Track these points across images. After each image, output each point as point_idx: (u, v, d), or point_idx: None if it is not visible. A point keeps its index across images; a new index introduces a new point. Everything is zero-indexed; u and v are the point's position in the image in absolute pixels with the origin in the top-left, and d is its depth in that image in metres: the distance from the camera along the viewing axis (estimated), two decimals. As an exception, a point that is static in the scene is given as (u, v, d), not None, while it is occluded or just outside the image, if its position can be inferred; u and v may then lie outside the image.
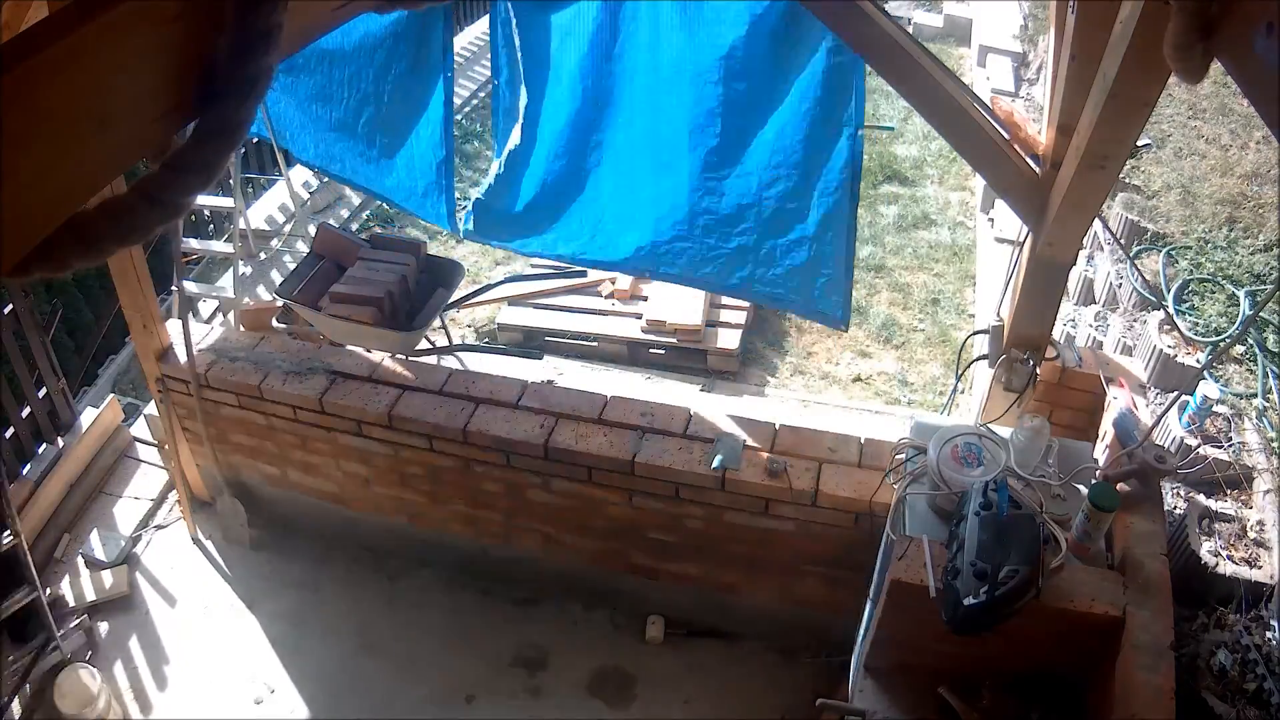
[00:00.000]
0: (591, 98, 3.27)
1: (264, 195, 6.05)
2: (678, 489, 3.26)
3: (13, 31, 2.05)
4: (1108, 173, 2.38)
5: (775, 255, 3.21)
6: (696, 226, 3.26)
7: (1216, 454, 2.97)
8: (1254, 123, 4.58)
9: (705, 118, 3.09)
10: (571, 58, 3.24)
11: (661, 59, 3.10)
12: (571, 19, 3.18)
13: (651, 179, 3.30)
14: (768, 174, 3.10)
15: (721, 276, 3.32)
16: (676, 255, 3.33)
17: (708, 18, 2.92)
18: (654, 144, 3.25)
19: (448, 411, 3.42)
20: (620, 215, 3.42)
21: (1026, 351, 2.93)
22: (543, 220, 3.56)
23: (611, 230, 3.44)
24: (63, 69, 0.79)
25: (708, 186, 3.18)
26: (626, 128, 3.30)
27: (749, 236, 3.21)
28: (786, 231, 3.16)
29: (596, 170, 3.41)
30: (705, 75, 3.02)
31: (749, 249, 3.23)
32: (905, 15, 8.37)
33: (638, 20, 3.08)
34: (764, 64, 2.95)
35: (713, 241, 3.26)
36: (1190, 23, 1.16)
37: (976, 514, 2.19)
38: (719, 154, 3.13)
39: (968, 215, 6.15)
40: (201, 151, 0.94)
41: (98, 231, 0.91)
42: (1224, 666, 2.49)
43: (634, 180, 3.36)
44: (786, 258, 3.20)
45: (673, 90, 3.12)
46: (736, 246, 3.24)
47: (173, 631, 3.72)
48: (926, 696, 2.53)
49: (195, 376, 3.59)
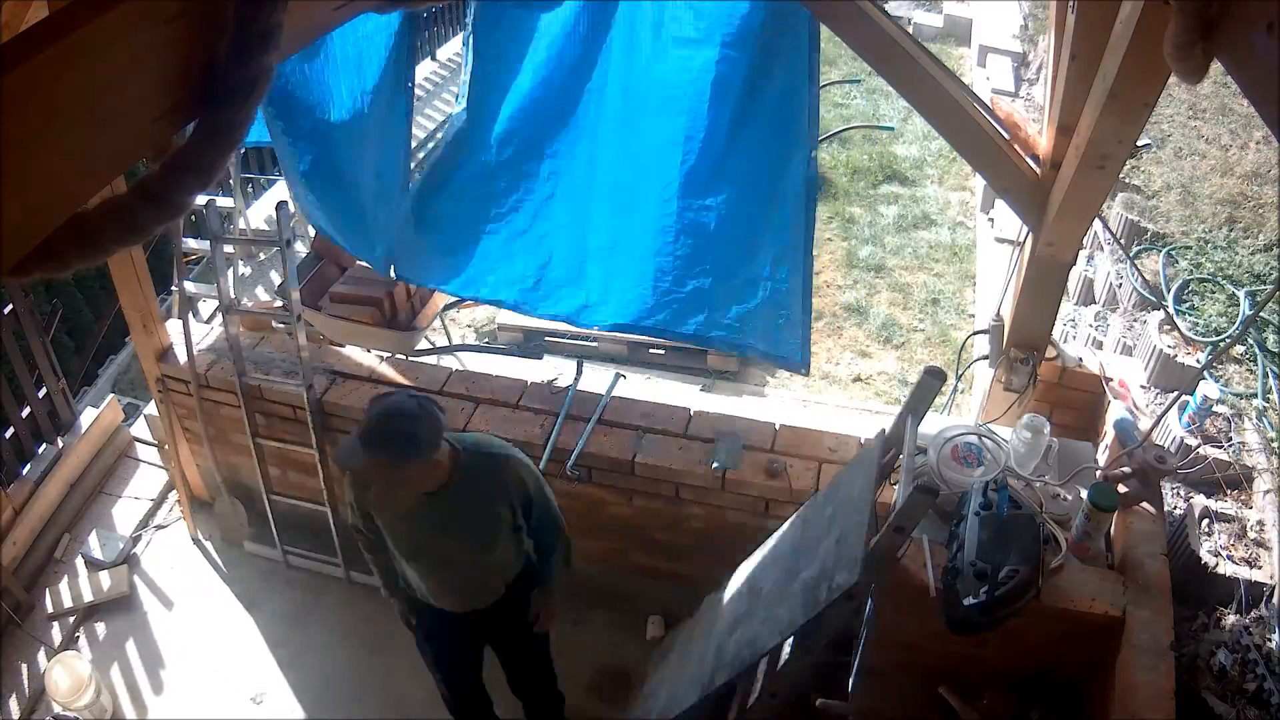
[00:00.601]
0: (545, 116, 3.04)
1: (263, 195, 6.05)
2: (678, 489, 3.26)
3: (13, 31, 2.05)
4: (1108, 173, 2.38)
5: (732, 299, 3.00)
6: (649, 271, 3.00)
7: (1216, 454, 2.97)
8: (1254, 123, 4.59)
9: (669, 149, 2.87)
10: (529, 72, 3.02)
11: (633, 88, 2.90)
12: (545, 26, 2.96)
13: (604, 222, 3.06)
14: (726, 210, 2.88)
15: (676, 323, 3.05)
16: (627, 304, 3.06)
17: (683, 44, 2.75)
18: (610, 182, 3.03)
19: (448, 412, 3.41)
20: (567, 260, 3.15)
21: (1026, 351, 2.93)
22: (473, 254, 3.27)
23: (556, 278, 3.18)
24: (63, 69, 0.79)
25: (665, 224, 2.94)
26: (580, 157, 3.07)
27: (705, 279, 2.97)
28: (741, 272, 2.97)
29: (548, 202, 3.14)
30: (674, 104, 2.82)
31: (705, 292, 2.98)
32: (905, 15, 8.37)
33: (615, 43, 2.89)
34: (734, 92, 2.77)
35: (667, 285, 2.99)
36: (1190, 23, 1.16)
37: (976, 514, 2.19)
38: (680, 189, 2.89)
39: (968, 215, 6.15)
40: (201, 151, 0.94)
41: (98, 231, 0.91)
42: (1224, 666, 2.49)
43: (586, 219, 3.11)
44: (743, 300, 3.00)
45: (638, 119, 2.91)
46: (693, 290, 2.98)
47: (172, 632, 3.72)
48: (926, 696, 2.54)
49: (195, 376, 3.59)
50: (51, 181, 0.84)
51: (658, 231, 2.95)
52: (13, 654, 3.58)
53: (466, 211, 3.24)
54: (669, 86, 2.81)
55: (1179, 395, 2.71)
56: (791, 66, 2.71)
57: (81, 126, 0.83)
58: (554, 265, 3.20)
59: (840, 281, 5.56)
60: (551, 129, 3.06)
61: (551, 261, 3.19)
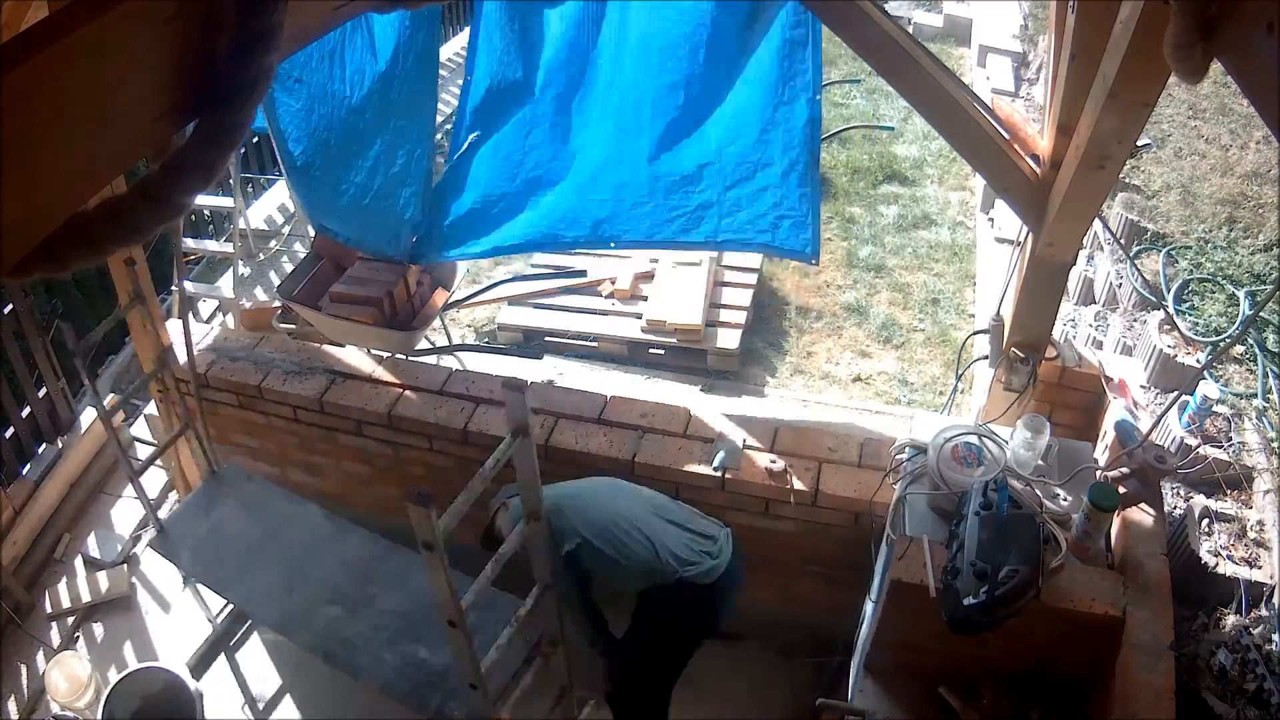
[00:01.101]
0: (566, 79, 3.38)
1: (263, 195, 6.05)
2: (678, 489, 3.26)
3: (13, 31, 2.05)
4: (1108, 173, 2.38)
5: (740, 204, 3.32)
6: (658, 189, 3.36)
7: (1216, 454, 2.97)
8: (1254, 123, 4.58)
9: (668, 90, 3.23)
10: (555, 44, 3.35)
11: (629, 35, 3.22)
12: (562, 8, 3.30)
13: (614, 150, 3.38)
14: (728, 135, 3.25)
15: (685, 233, 3.39)
16: (640, 219, 3.40)
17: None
18: (617, 117, 3.35)
19: (448, 411, 3.42)
20: (584, 190, 3.46)
21: (1026, 351, 2.93)
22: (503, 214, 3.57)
23: (574, 206, 3.48)
24: (63, 69, 0.79)
25: (668, 152, 3.31)
26: (594, 105, 3.39)
27: (710, 192, 3.32)
28: (749, 183, 3.29)
29: (565, 151, 3.48)
30: (671, 50, 3.16)
31: (711, 204, 3.33)
32: (905, 15, 8.37)
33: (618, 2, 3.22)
34: (726, 40, 3.09)
35: (675, 201, 3.35)
36: (1190, 23, 1.16)
37: (976, 514, 2.19)
38: (680, 122, 3.26)
39: (968, 215, 6.15)
40: (201, 151, 0.94)
41: (98, 231, 0.91)
42: (1224, 666, 2.49)
43: (598, 155, 3.42)
44: (750, 206, 3.31)
45: (638, 64, 3.24)
46: (698, 204, 3.34)
47: (172, 632, 3.72)
48: (926, 696, 2.54)
49: (195, 377, 3.59)
50: (51, 181, 0.84)
51: (663, 155, 3.31)
52: (12, 654, 3.58)
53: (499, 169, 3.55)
54: (670, 36, 3.15)
55: (1179, 395, 2.70)
56: (794, 24, 3.03)
57: (81, 126, 0.83)
58: (573, 194, 3.48)
59: (840, 281, 5.56)
60: (572, 84, 3.39)
61: (572, 191, 3.48)
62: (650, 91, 3.27)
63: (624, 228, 3.43)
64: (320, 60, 3.31)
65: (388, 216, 3.55)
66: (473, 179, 3.54)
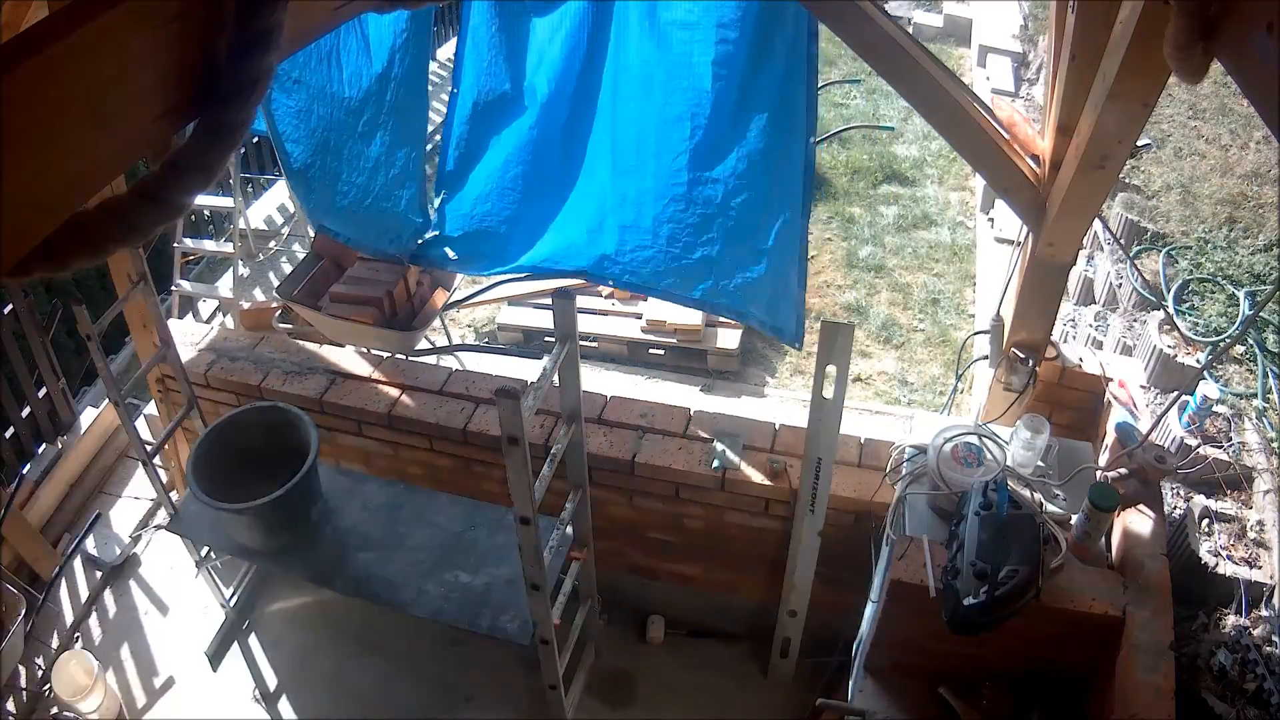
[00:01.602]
0: (566, 100, 3.23)
1: (263, 195, 6.05)
2: (678, 489, 3.26)
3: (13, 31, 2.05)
4: (1108, 173, 2.38)
5: (736, 267, 3.13)
6: (661, 236, 3.16)
7: (1216, 454, 2.97)
8: (1254, 123, 4.58)
9: (675, 124, 3.02)
10: (549, 60, 3.19)
11: (636, 66, 3.05)
12: (554, 21, 3.14)
13: (618, 185, 3.22)
14: (734, 183, 3.03)
15: (684, 287, 3.21)
16: (640, 264, 3.22)
17: (681, 27, 2.89)
18: (623, 150, 3.19)
19: (448, 411, 3.42)
20: (586, 221, 3.32)
21: (1026, 352, 2.93)
22: (499, 234, 3.44)
23: (575, 236, 3.34)
24: (63, 69, 0.79)
25: (674, 194, 3.10)
26: (596, 133, 3.25)
27: (713, 247, 3.11)
28: (747, 242, 3.09)
29: (563, 177, 3.33)
30: (677, 82, 2.97)
31: (713, 260, 3.12)
32: (905, 15, 8.37)
33: (616, 25, 3.04)
34: (735, 72, 2.91)
35: (677, 251, 3.16)
36: (1190, 23, 1.16)
37: (976, 514, 2.19)
38: (689, 162, 3.05)
39: (968, 215, 6.15)
40: (201, 151, 0.94)
41: (98, 231, 0.91)
42: (1224, 666, 2.49)
43: (600, 186, 3.27)
44: (747, 269, 3.12)
45: (644, 96, 3.06)
46: (700, 257, 3.13)
47: (171, 632, 3.72)
48: (926, 696, 2.54)
49: (195, 376, 3.59)
50: (51, 181, 0.84)
51: (669, 200, 3.12)
52: (13, 654, 3.58)
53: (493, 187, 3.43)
54: (673, 67, 2.97)
55: (1179, 395, 2.70)
56: (791, 53, 2.84)
57: (81, 126, 0.83)
58: (577, 227, 3.36)
59: (840, 281, 5.56)
60: (576, 115, 3.26)
61: (575, 224, 3.36)
62: (654, 123, 3.07)
63: (625, 269, 3.26)
64: (319, 62, 3.32)
65: (388, 217, 3.54)
66: (465, 194, 3.43)
